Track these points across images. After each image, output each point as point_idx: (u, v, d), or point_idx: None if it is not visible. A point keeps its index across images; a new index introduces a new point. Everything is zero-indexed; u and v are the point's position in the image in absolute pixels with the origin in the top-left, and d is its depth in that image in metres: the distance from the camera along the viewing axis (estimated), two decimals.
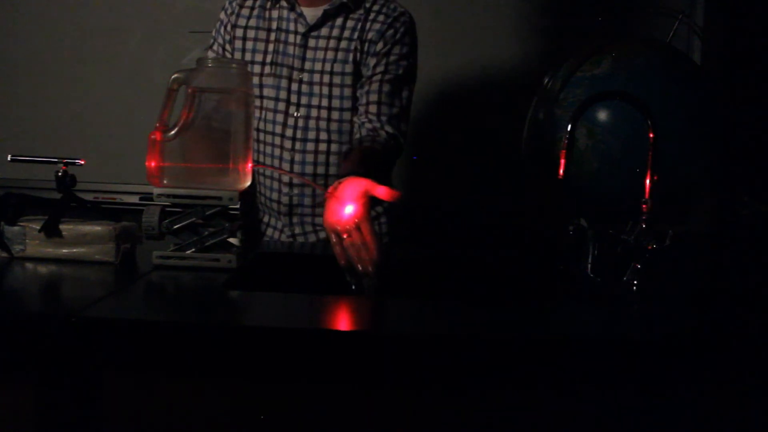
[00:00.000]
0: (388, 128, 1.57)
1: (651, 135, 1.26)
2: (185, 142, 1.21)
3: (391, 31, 1.60)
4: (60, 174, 1.25)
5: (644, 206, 1.24)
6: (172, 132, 1.21)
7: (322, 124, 1.62)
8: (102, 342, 0.91)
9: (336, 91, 1.60)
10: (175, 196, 1.22)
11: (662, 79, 1.91)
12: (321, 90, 1.61)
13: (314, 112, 1.61)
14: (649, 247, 1.20)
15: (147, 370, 0.94)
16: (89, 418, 0.94)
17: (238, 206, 1.23)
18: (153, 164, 1.21)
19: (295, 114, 1.62)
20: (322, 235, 1.66)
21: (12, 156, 1.27)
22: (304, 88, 1.61)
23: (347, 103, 1.61)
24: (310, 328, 0.95)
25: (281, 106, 1.62)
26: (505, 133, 2.41)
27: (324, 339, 0.92)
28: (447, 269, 1.39)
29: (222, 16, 1.69)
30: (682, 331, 1.03)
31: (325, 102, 1.61)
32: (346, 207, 1.18)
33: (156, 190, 1.22)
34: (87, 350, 0.91)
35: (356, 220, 1.18)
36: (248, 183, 1.26)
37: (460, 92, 2.39)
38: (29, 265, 1.20)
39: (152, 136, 1.21)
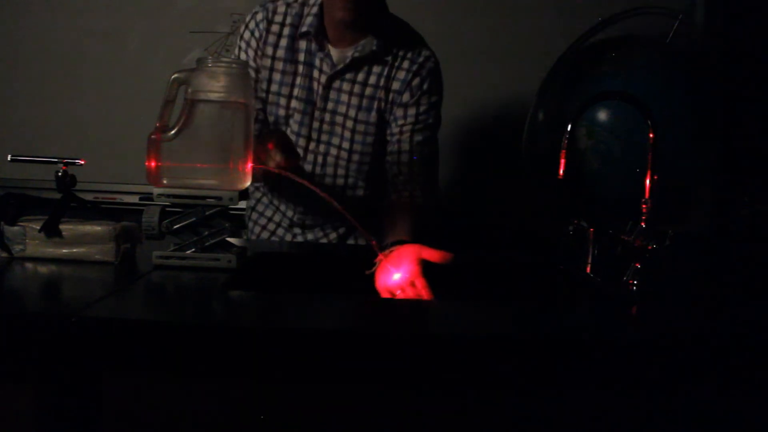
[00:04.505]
0: (421, 179, 1.56)
1: (651, 135, 1.26)
2: (185, 142, 1.21)
3: (416, 80, 1.56)
4: (60, 174, 1.25)
5: (644, 206, 1.24)
6: (172, 132, 1.21)
7: (341, 163, 1.61)
8: (102, 342, 0.91)
9: (358, 137, 1.59)
10: (175, 196, 1.22)
11: (662, 79, 1.91)
12: (342, 132, 1.59)
13: (334, 151, 1.60)
14: (649, 247, 1.20)
15: (147, 370, 0.94)
16: (89, 418, 0.94)
17: (238, 206, 1.23)
18: (153, 164, 1.21)
19: (315, 150, 1.60)
20: (332, 236, 1.68)
21: (12, 156, 1.27)
22: (326, 127, 1.59)
23: (368, 149, 1.60)
24: (311, 328, 0.95)
25: (302, 141, 1.60)
26: (505, 134, 2.41)
27: (324, 339, 0.92)
28: (447, 269, 1.39)
29: (247, 35, 1.60)
30: (682, 331, 1.03)
31: (346, 144, 1.59)
32: (399, 273, 1.24)
33: (156, 190, 1.22)
34: (87, 350, 0.91)
35: (411, 279, 1.23)
36: (248, 183, 1.26)
37: (459, 93, 2.39)
38: (29, 265, 1.20)
39: (152, 137, 1.21)
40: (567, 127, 1.26)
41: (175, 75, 1.23)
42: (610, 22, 2.28)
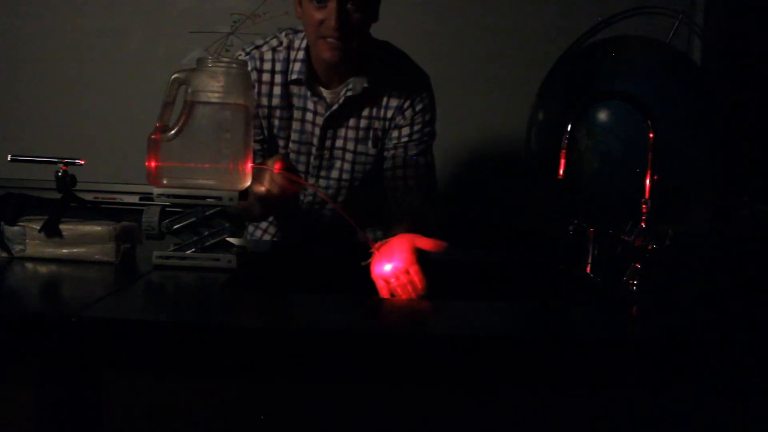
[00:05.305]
0: (418, 190, 1.58)
1: (651, 135, 1.26)
2: (185, 143, 1.21)
3: (408, 103, 1.58)
4: (60, 174, 1.25)
5: (644, 206, 1.24)
6: (172, 132, 1.21)
7: (342, 192, 1.65)
8: (102, 342, 0.91)
9: (358, 167, 1.62)
10: (175, 196, 1.22)
11: (662, 79, 1.91)
12: (342, 165, 1.62)
13: (334, 183, 1.64)
14: (649, 247, 1.20)
15: (147, 370, 0.94)
16: (89, 418, 0.94)
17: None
18: (153, 164, 1.21)
19: (315, 184, 1.63)
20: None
21: (12, 156, 1.27)
22: (325, 163, 1.62)
23: (368, 175, 1.63)
24: (310, 328, 0.95)
25: (301, 175, 1.63)
26: (505, 134, 2.41)
27: (324, 339, 0.91)
28: (447, 269, 1.39)
29: None
30: (682, 331, 1.03)
31: (346, 176, 1.63)
32: (393, 262, 1.24)
33: (156, 190, 1.22)
34: (87, 350, 0.91)
35: (405, 266, 1.23)
36: (248, 183, 1.26)
37: (460, 93, 2.40)
38: (29, 265, 1.20)
39: (152, 137, 1.21)
40: (567, 127, 1.26)
41: (175, 75, 1.23)
42: (610, 22, 2.28)
